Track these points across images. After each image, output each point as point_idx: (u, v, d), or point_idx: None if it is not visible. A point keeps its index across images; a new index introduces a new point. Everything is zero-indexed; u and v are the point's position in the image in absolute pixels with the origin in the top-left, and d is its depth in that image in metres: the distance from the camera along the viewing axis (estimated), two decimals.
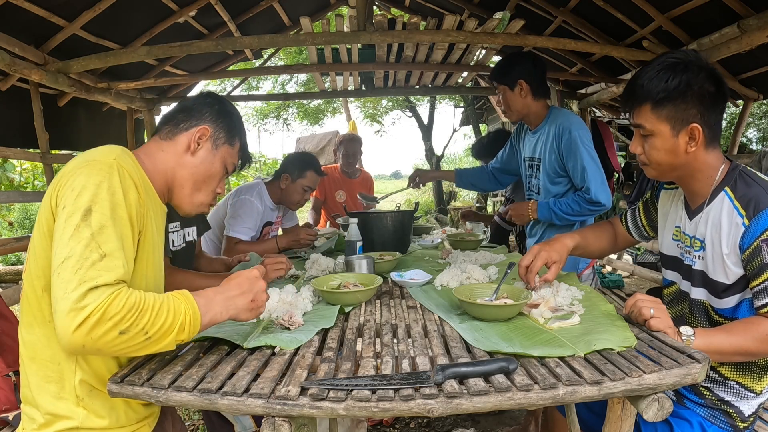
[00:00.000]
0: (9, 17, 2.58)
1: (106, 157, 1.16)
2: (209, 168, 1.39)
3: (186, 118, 1.38)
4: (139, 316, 1.02)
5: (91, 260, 1.02)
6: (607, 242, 1.87)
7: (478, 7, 4.15)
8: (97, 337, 0.99)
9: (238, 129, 1.46)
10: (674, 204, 1.61)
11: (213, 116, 1.40)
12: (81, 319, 0.97)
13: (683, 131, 1.38)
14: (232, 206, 2.80)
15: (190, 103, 1.41)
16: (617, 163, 5.00)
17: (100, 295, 0.99)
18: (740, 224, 1.35)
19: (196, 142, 1.36)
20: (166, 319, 1.06)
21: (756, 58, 3.05)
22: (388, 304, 1.72)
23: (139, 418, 1.26)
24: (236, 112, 1.47)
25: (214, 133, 1.39)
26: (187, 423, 3.19)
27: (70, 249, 1.02)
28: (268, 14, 4.14)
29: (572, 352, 1.18)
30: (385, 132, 15.46)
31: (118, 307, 1.00)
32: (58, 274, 1.01)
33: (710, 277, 1.44)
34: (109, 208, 1.09)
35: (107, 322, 0.99)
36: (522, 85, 2.46)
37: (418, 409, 1.02)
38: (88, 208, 1.06)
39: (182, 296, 1.12)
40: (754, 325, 1.32)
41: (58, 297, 0.99)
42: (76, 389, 1.16)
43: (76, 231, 1.04)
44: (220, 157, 1.41)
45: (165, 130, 1.38)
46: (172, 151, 1.36)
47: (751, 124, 13.10)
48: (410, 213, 2.81)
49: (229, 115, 1.43)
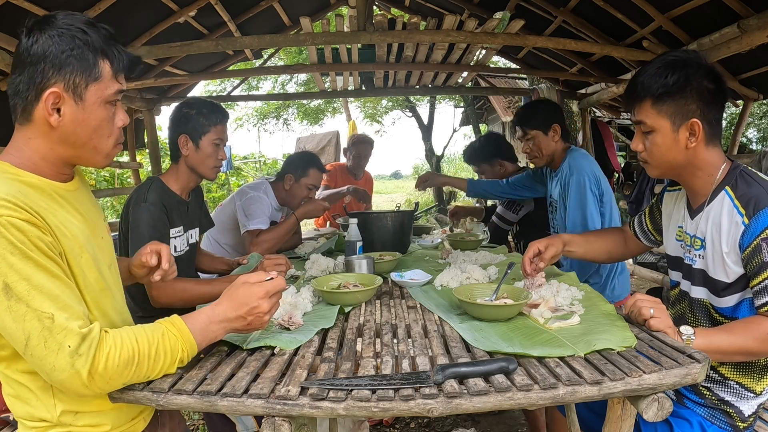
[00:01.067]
0: (9, 17, 2.58)
1: None
2: (89, 124, 1.11)
3: (26, 86, 1.07)
4: (137, 369, 1.05)
5: (47, 328, 0.97)
6: (613, 245, 1.89)
7: (478, 7, 4.15)
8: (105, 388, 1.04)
9: (95, 50, 1.09)
10: (677, 204, 1.61)
11: (53, 63, 1.06)
12: (82, 383, 0.99)
13: (683, 126, 1.39)
14: (242, 206, 2.79)
15: (23, 60, 1.07)
16: (617, 163, 5.01)
17: (86, 359, 0.98)
18: (740, 223, 1.35)
19: (55, 112, 1.07)
20: (164, 360, 1.09)
21: (756, 58, 3.05)
22: (388, 305, 1.72)
23: (133, 415, 1.26)
24: (79, 27, 1.09)
25: (66, 85, 1.07)
26: (188, 423, 3.19)
27: (21, 330, 0.98)
28: (268, 14, 4.14)
29: (572, 352, 1.18)
30: (385, 132, 15.55)
31: (113, 365, 1.01)
32: (31, 355, 0.99)
33: (710, 275, 1.44)
34: (21, 267, 0.97)
35: (109, 380, 1.02)
36: (556, 129, 2.51)
37: (418, 409, 1.02)
38: (4, 285, 0.97)
39: (177, 331, 1.11)
40: (754, 324, 1.32)
41: (49, 372, 0.99)
42: (61, 421, 1.13)
43: (10, 312, 0.97)
44: (95, 99, 1.10)
45: (18, 111, 1.10)
46: (38, 134, 1.09)
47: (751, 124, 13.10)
48: (410, 213, 2.82)
49: (71, 44, 1.07)
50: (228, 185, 12.34)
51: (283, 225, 2.74)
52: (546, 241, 1.79)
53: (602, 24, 3.59)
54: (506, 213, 3.22)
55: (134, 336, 1.06)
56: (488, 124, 13.90)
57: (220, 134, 2.15)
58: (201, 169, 2.14)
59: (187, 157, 2.12)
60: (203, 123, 2.11)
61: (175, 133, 2.13)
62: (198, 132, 2.10)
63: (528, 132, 2.57)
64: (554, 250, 1.78)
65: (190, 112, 2.12)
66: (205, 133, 2.11)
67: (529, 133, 2.57)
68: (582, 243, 1.88)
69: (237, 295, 1.18)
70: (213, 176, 2.20)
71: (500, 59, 8.76)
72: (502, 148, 3.35)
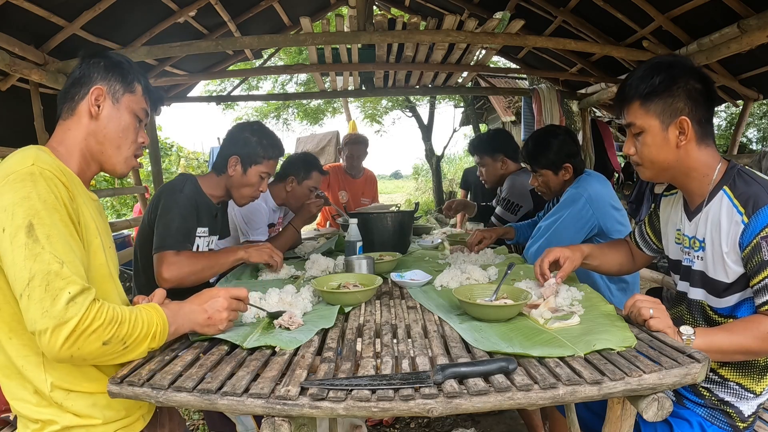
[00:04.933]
0: (9, 17, 2.58)
1: (23, 166, 1.13)
2: (118, 123, 1.34)
3: (77, 89, 1.32)
4: (119, 328, 1.10)
5: (54, 272, 1.04)
6: (624, 258, 1.87)
7: (478, 7, 4.15)
8: (82, 348, 1.05)
9: (133, 74, 1.38)
10: (674, 208, 1.61)
11: (102, 73, 1.33)
12: (67, 333, 1.02)
13: (672, 125, 1.40)
14: (242, 214, 2.79)
15: (77, 73, 1.34)
16: (617, 163, 5.00)
17: (80, 307, 1.04)
18: (739, 222, 1.35)
19: (95, 105, 1.31)
20: (141, 329, 1.15)
21: (756, 58, 3.05)
22: (387, 305, 1.72)
23: (128, 413, 1.27)
24: (125, 59, 1.40)
25: (109, 88, 1.33)
26: (188, 423, 3.19)
27: (29, 269, 1.04)
28: (268, 14, 4.14)
29: (572, 352, 1.18)
30: (385, 132, 15.53)
31: (99, 320, 1.06)
32: (28, 296, 1.03)
33: (710, 276, 1.44)
34: (47, 216, 1.08)
35: (92, 335, 1.05)
36: (567, 169, 2.40)
37: (418, 409, 1.02)
38: (29, 224, 1.06)
39: (153, 309, 1.21)
40: (754, 323, 1.32)
41: (36, 317, 1.02)
42: (53, 397, 1.17)
43: (26, 249, 1.04)
44: (126, 108, 1.35)
45: (65, 109, 1.33)
46: (77, 125, 1.31)
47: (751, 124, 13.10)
48: (410, 213, 2.81)
49: (119, 65, 1.36)
50: None
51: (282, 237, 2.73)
52: (568, 253, 1.72)
53: (602, 24, 3.59)
54: (505, 214, 3.22)
55: (115, 306, 1.13)
56: (488, 124, 13.89)
57: (270, 169, 2.20)
58: (237, 193, 2.19)
59: (231, 177, 2.16)
60: (259, 153, 2.15)
61: (229, 151, 2.16)
62: (250, 159, 2.14)
63: (537, 170, 2.46)
64: (572, 266, 1.72)
65: (251, 138, 2.16)
66: (256, 163, 2.15)
67: (538, 171, 2.45)
68: (598, 255, 1.83)
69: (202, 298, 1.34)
70: (243, 204, 2.25)
71: (500, 59, 8.76)
72: (508, 146, 3.33)
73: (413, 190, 21.64)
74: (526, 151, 2.50)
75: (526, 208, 3.16)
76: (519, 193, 3.18)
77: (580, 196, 2.25)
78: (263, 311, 1.50)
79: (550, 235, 2.26)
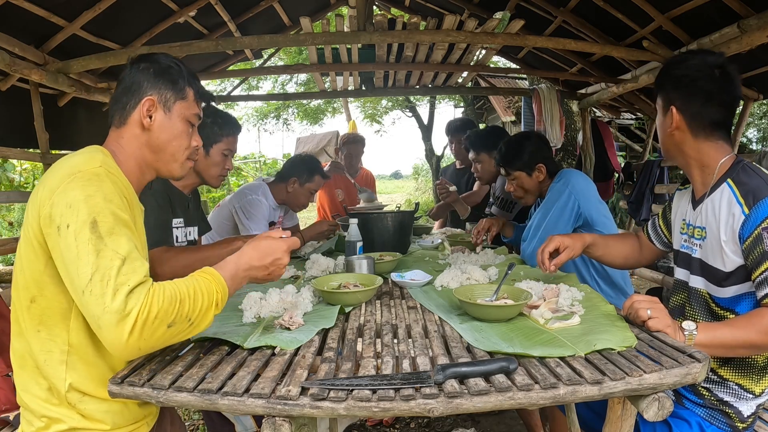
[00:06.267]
0: (9, 17, 2.58)
1: (91, 166, 1.16)
2: (171, 132, 1.35)
3: (128, 98, 1.32)
4: (181, 306, 1.09)
5: (116, 268, 1.04)
6: (630, 250, 1.89)
7: (478, 7, 4.15)
8: (149, 336, 1.04)
9: (184, 78, 1.37)
10: (683, 200, 1.65)
11: (152, 81, 1.33)
12: (131, 326, 1.01)
13: (668, 112, 1.51)
14: (243, 209, 2.80)
15: (127, 81, 1.34)
16: (617, 163, 5.00)
17: (139, 297, 1.03)
18: (739, 213, 1.37)
19: (148, 116, 1.31)
20: (203, 301, 1.13)
21: (756, 58, 3.05)
22: (388, 305, 1.72)
23: (136, 419, 1.26)
24: (174, 62, 1.39)
25: (160, 97, 1.33)
26: (187, 423, 3.19)
27: (91, 265, 1.04)
28: (268, 14, 4.14)
29: (572, 352, 1.18)
30: (385, 132, 15.46)
31: (159, 303, 1.05)
32: (90, 292, 1.03)
33: (709, 264, 1.46)
34: (111, 214, 1.10)
35: (155, 321, 1.04)
36: (541, 169, 2.43)
37: (419, 408, 1.02)
38: (93, 221, 1.07)
39: (210, 276, 1.19)
40: (757, 317, 1.33)
41: (98, 313, 1.02)
42: (67, 397, 1.17)
43: (89, 245, 1.05)
44: (178, 116, 1.36)
45: (116, 118, 1.33)
46: (130, 135, 1.32)
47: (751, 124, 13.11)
48: (410, 213, 2.81)
49: (167, 71, 1.35)
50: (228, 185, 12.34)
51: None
52: (568, 241, 1.76)
53: (602, 24, 3.59)
54: (501, 213, 3.23)
55: (173, 282, 1.12)
56: (488, 124, 13.89)
57: (230, 145, 2.20)
58: (206, 175, 2.19)
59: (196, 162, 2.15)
60: (216, 132, 2.15)
61: None
62: (210, 140, 2.13)
63: (511, 173, 2.48)
64: (569, 255, 1.76)
65: (206, 120, 2.15)
66: (216, 142, 2.15)
67: (512, 173, 2.48)
68: (602, 245, 1.86)
69: (262, 247, 1.31)
70: (217, 184, 2.25)
71: (500, 59, 8.76)
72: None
73: (413, 190, 21.64)
74: (499, 155, 2.53)
75: (521, 204, 3.16)
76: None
77: (564, 187, 2.28)
78: None
79: (542, 232, 2.27)
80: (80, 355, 1.18)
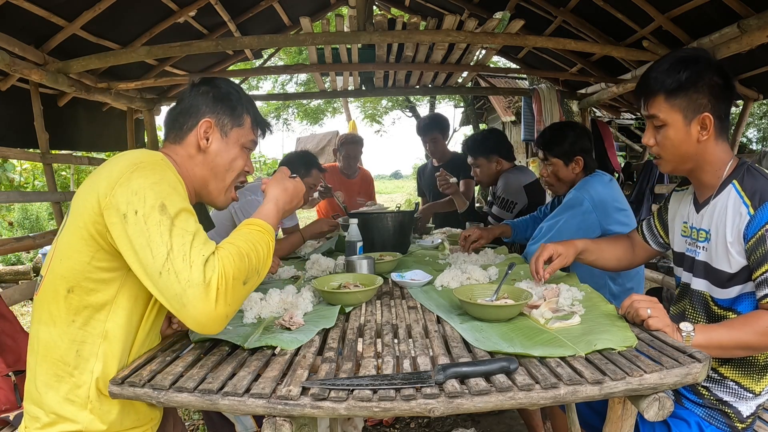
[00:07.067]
0: (9, 17, 2.58)
1: (154, 158, 1.20)
2: (226, 157, 1.38)
3: (186, 119, 1.36)
4: (249, 262, 1.14)
5: (188, 243, 1.08)
6: (623, 252, 1.88)
7: (478, 7, 4.15)
8: (232, 299, 1.10)
9: (242, 105, 1.41)
10: (683, 202, 1.64)
11: (210, 106, 1.36)
12: (215, 293, 1.06)
13: (695, 120, 1.42)
14: (243, 209, 2.79)
15: (186, 102, 1.38)
16: (617, 163, 5.00)
17: (214, 265, 1.08)
18: (745, 214, 1.37)
19: (204, 138, 1.35)
20: (262, 251, 1.20)
21: (756, 58, 3.05)
22: (388, 305, 1.72)
23: (142, 422, 1.26)
24: (234, 89, 1.43)
25: (218, 121, 1.37)
26: (187, 423, 3.19)
27: (165, 244, 1.07)
28: (268, 14, 4.14)
29: (573, 352, 1.18)
30: (385, 132, 15.45)
31: (232, 264, 1.10)
32: (167, 271, 1.05)
33: (713, 266, 1.46)
34: (177, 197, 1.14)
35: (234, 282, 1.10)
36: (578, 162, 2.39)
37: (420, 408, 1.02)
38: (161, 204, 1.10)
39: (258, 226, 1.25)
40: (754, 318, 1.33)
41: (180, 291, 1.04)
42: (90, 391, 1.16)
43: (162, 227, 1.08)
44: (234, 141, 1.39)
45: (172, 135, 1.38)
46: (186, 154, 1.36)
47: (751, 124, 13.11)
48: (410, 213, 2.81)
49: (227, 97, 1.39)
50: None
51: (288, 240, 2.75)
52: (561, 249, 1.75)
53: (602, 24, 3.59)
54: (501, 213, 3.23)
55: (231, 242, 1.17)
56: (488, 124, 13.89)
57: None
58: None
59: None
60: None
61: None
62: None
63: (549, 158, 2.47)
64: (561, 263, 1.75)
65: None
66: None
67: (550, 159, 2.46)
68: (594, 250, 1.85)
69: (289, 189, 1.42)
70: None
71: (500, 59, 8.76)
72: (502, 145, 3.34)
73: (413, 190, 21.62)
74: (542, 139, 2.52)
75: (521, 204, 3.17)
76: (513, 191, 3.20)
77: (582, 199, 2.25)
78: None
79: (552, 236, 2.26)
80: (112, 349, 1.18)
